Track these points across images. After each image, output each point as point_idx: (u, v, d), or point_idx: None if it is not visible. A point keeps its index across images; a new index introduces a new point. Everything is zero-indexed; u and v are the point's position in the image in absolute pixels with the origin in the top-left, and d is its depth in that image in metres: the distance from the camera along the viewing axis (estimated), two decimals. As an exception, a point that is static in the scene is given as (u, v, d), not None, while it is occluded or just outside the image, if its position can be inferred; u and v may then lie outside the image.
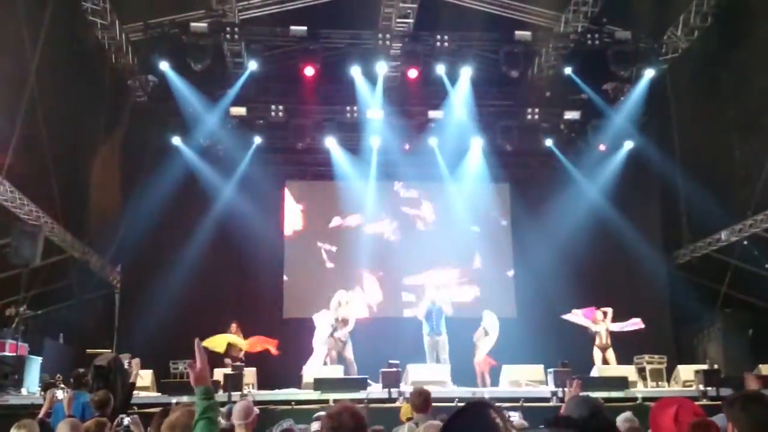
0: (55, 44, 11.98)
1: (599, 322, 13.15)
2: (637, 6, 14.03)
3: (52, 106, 12.04)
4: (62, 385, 9.83)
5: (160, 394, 11.05)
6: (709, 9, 14.07)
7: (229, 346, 13.22)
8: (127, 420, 5.55)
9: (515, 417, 6.32)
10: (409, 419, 6.18)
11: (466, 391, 10.93)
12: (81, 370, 7.84)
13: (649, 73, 14.99)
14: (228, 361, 12.93)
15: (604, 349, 13.08)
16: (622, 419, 4.99)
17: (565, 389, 9.93)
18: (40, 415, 6.63)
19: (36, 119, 11.63)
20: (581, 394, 5.82)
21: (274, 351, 13.32)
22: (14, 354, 11.21)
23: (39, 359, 12.01)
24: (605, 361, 12.89)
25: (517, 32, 14.28)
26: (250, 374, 11.85)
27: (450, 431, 2.14)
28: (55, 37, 11.86)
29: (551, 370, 11.54)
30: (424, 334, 12.64)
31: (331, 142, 15.94)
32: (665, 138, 15.66)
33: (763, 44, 12.81)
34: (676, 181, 15.39)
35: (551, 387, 10.99)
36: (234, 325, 13.56)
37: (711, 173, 14.44)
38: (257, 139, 15.85)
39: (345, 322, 12.69)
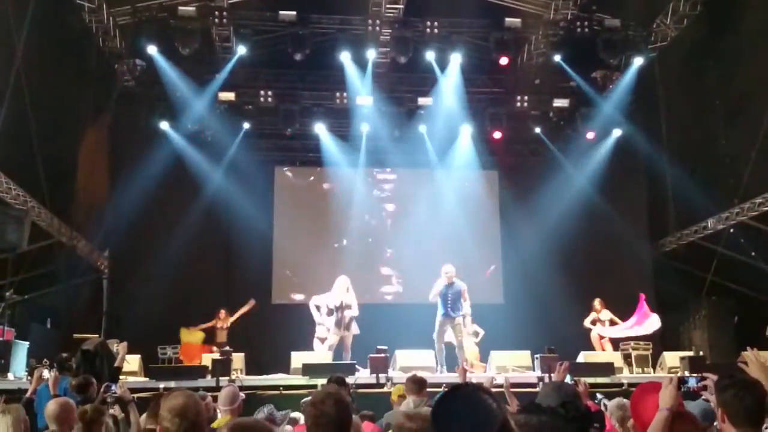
0: (42, 28, 11.84)
1: (600, 311, 13.29)
2: (627, -7, 14.05)
3: (38, 90, 11.93)
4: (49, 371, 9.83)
5: (147, 379, 11.06)
6: (698, -3, 14.10)
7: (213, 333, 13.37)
8: (114, 387, 5.55)
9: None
10: (400, 397, 6.22)
11: (454, 377, 10.99)
12: (64, 354, 7.83)
13: (637, 61, 15.02)
14: (215, 349, 12.96)
15: (602, 336, 13.24)
16: (614, 405, 5.04)
17: (552, 374, 10.03)
18: (28, 394, 6.63)
19: (23, 103, 11.51)
20: (560, 380, 5.88)
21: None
22: (1, 339, 11.17)
23: (26, 344, 11.96)
24: (603, 348, 13.08)
25: (506, 19, 14.26)
26: (238, 359, 11.86)
27: (441, 415, 2.05)
28: (41, 21, 11.73)
29: (538, 355, 11.63)
30: (437, 315, 12.35)
31: (320, 128, 15.90)
32: (653, 126, 15.73)
33: (751, 33, 12.85)
34: (664, 169, 15.46)
35: (538, 372, 11.08)
36: (222, 312, 13.57)
37: (698, 161, 14.52)
38: (246, 125, 15.77)
39: (349, 307, 12.67)
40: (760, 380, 3.20)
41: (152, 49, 14.12)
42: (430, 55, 14.90)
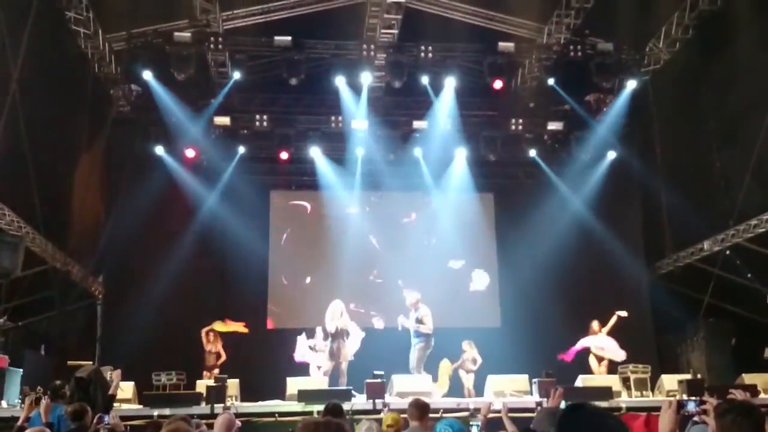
0: (38, 53, 11.88)
1: (596, 333, 13.21)
2: (619, 18, 14.15)
3: (34, 116, 11.94)
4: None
5: (141, 406, 10.93)
6: (690, 21, 14.22)
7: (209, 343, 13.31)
8: (107, 418, 5.48)
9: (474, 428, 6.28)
10: (389, 426, 6.09)
11: (451, 402, 10.92)
12: (58, 382, 7.75)
13: (631, 85, 15.10)
14: (206, 373, 12.87)
15: (600, 360, 13.16)
16: None
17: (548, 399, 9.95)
18: (19, 422, 6.53)
19: (18, 128, 11.52)
20: (555, 406, 5.83)
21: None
22: (-6, 366, 11.07)
23: (20, 371, 11.85)
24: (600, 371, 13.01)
25: (500, 43, 14.35)
26: (233, 386, 11.75)
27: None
28: (37, 47, 11.78)
29: (536, 380, 11.55)
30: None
31: (315, 152, 15.93)
32: (647, 149, 15.79)
33: (744, 56, 12.94)
34: (659, 192, 15.50)
35: (536, 397, 10.99)
36: (211, 334, 13.44)
37: (693, 183, 14.55)
38: (241, 149, 15.78)
39: (344, 332, 12.66)
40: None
41: (147, 75, 14.17)
42: (424, 79, 14.95)
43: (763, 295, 13.02)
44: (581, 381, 12.13)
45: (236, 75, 14.62)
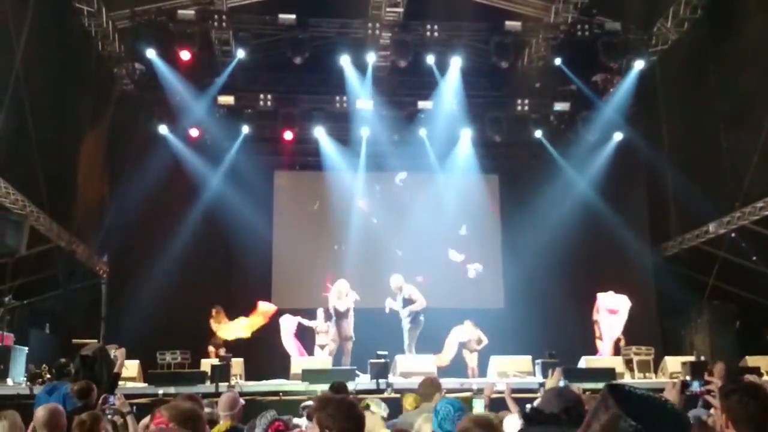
0: (41, 32, 11.81)
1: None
2: (627, -3, 14.04)
3: (37, 94, 11.89)
4: (48, 376, 9.80)
5: (146, 384, 11.00)
6: (698, 1, 14.07)
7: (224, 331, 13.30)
8: (112, 398, 5.49)
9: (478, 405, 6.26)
10: (416, 408, 6.09)
11: (454, 382, 10.94)
12: (62, 360, 7.78)
13: (638, 65, 14.99)
14: (211, 349, 12.91)
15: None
16: None
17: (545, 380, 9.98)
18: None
19: (22, 107, 11.48)
20: (560, 385, 5.83)
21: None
22: (0, 344, 11.12)
23: (25, 349, 11.91)
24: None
25: (507, 22, 14.25)
26: (237, 365, 11.81)
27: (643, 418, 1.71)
28: (40, 25, 11.70)
29: (539, 360, 11.58)
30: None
31: (319, 132, 15.86)
32: (654, 130, 15.70)
33: (752, 37, 12.81)
34: (665, 173, 15.42)
35: (539, 378, 11.02)
36: (214, 311, 13.45)
37: (699, 165, 14.45)
38: (245, 129, 15.73)
39: (348, 311, 12.71)
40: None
41: (151, 53, 14.10)
42: (430, 59, 14.87)
43: (767, 278, 12.98)
44: (584, 362, 12.17)
45: (240, 53, 14.51)
